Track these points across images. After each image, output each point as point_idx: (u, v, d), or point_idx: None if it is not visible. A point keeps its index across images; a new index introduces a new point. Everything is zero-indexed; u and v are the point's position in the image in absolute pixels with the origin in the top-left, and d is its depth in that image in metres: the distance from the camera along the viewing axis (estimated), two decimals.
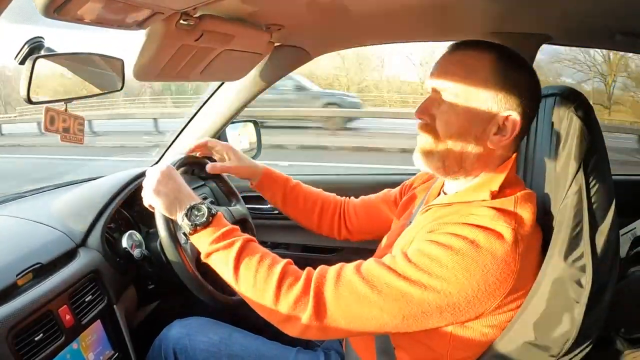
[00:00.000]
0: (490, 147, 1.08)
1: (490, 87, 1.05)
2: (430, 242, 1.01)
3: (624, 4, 1.31)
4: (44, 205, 1.62)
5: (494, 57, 1.07)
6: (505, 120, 1.06)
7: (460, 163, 1.11)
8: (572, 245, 1.03)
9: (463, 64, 1.08)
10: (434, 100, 1.12)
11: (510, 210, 1.03)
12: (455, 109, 1.08)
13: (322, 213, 1.64)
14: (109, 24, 0.98)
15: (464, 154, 1.09)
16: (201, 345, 1.42)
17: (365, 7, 1.43)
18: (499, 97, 1.06)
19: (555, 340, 1.03)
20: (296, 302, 1.03)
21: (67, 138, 1.16)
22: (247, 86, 1.95)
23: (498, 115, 1.06)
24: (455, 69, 1.08)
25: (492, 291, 0.99)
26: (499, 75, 1.05)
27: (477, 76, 1.06)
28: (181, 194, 1.22)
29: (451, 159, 1.11)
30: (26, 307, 1.15)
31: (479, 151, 1.09)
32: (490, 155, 1.10)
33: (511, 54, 1.10)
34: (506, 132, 1.07)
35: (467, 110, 1.07)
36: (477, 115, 1.07)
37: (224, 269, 1.11)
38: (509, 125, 1.06)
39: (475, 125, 1.07)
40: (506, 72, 1.06)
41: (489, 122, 1.07)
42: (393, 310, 0.99)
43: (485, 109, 1.06)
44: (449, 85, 1.08)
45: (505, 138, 1.07)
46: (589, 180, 1.04)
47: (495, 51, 1.08)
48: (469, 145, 1.08)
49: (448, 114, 1.09)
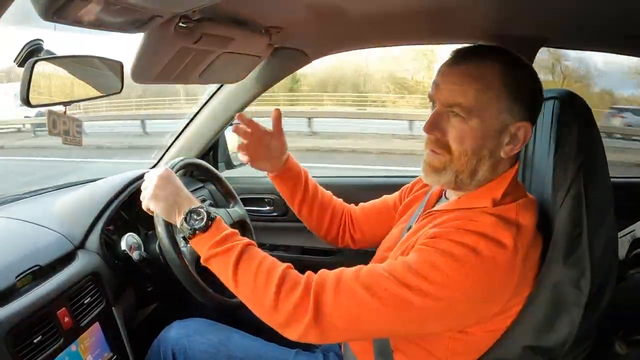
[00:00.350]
0: (503, 157, 1.08)
1: (503, 99, 1.04)
2: (431, 248, 1.01)
3: (622, 7, 1.31)
4: (43, 207, 1.62)
5: (502, 66, 1.05)
6: (517, 129, 1.05)
7: (473, 176, 1.09)
8: (570, 248, 1.03)
9: (471, 77, 1.04)
10: (442, 115, 1.08)
11: (512, 218, 1.03)
12: (469, 123, 1.04)
13: (332, 219, 1.59)
14: (108, 27, 0.98)
15: (478, 168, 1.08)
16: (200, 347, 1.41)
17: (364, 10, 1.43)
18: (514, 108, 1.04)
19: (554, 344, 1.03)
20: (296, 307, 1.02)
21: (67, 140, 1.17)
22: (246, 88, 1.95)
23: (511, 125, 1.05)
24: (464, 82, 1.05)
25: (492, 298, 0.99)
26: (510, 86, 1.04)
27: (489, 89, 1.03)
28: (180, 198, 1.21)
29: (465, 173, 1.09)
30: (25, 309, 1.15)
31: (493, 163, 1.08)
32: (499, 163, 1.10)
33: (516, 59, 1.09)
34: (518, 141, 1.06)
35: (481, 125, 1.04)
36: (491, 129, 1.05)
37: (224, 273, 1.11)
38: (521, 134, 1.06)
39: (490, 139, 1.06)
40: (516, 81, 1.04)
41: (502, 133, 1.06)
42: (392, 316, 0.99)
43: (500, 121, 1.05)
44: (460, 100, 1.04)
45: (517, 147, 1.07)
46: (587, 184, 1.04)
47: (501, 59, 1.06)
48: (483, 159, 1.07)
49: (461, 129, 1.05)
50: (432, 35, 1.83)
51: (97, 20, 0.93)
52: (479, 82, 1.04)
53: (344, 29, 1.62)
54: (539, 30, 1.63)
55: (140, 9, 0.97)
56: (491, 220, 1.02)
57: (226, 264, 1.10)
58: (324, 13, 1.42)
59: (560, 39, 1.72)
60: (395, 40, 1.96)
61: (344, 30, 1.64)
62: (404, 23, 1.59)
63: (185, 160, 1.54)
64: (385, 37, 1.84)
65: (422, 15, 1.50)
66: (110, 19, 0.95)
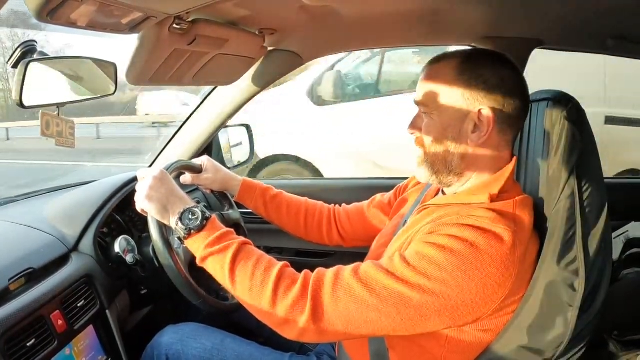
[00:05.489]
0: (473, 146, 1.10)
1: (456, 87, 1.09)
2: (428, 244, 1.01)
3: (616, 9, 1.32)
4: (36, 210, 1.61)
5: (459, 61, 1.11)
6: (479, 116, 1.08)
7: (446, 166, 1.13)
8: (565, 248, 1.03)
9: (431, 77, 1.13)
10: (419, 115, 1.17)
11: (510, 213, 1.04)
12: (431, 117, 1.12)
13: (307, 219, 1.65)
14: (101, 28, 0.98)
15: (448, 157, 1.12)
16: (194, 352, 1.41)
17: (358, 12, 1.44)
18: (466, 95, 1.08)
19: (549, 344, 1.03)
20: (293, 305, 1.02)
21: (61, 142, 1.16)
22: (239, 90, 1.94)
23: (471, 113, 1.08)
24: (427, 83, 1.13)
25: (491, 294, 0.99)
26: (464, 75, 1.09)
27: (442, 82, 1.11)
28: (174, 198, 1.21)
29: (438, 164, 1.13)
30: (18, 312, 1.14)
31: (462, 151, 1.11)
32: (477, 155, 1.11)
33: (479, 53, 1.15)
34: (483, 128, 1.08)
35: (440, 115, 1.11)
36: (450, 118, 1.10)
37: (220, 272, 1.10)
38: (484, 120, 1.08)
39: (450, 128, 1.10)
40: (471, 70, 1.09)
41: (463, 121, 1.09)
42: (391, 314, 0.98)
43: (456, 110, 1.09)
44: (423, 98, 1.13)
45: (483, 134, 1.08)
46: (581, 184, 1.05)
47: (461, 55, 1.12)
48: (449, 148, 1.11)
49: (428, 124, 1.14)
50: (426, 38, 1.84)
51: (91, 21, 0.93)
52: (436, 79, 1.12)
53: (337, 31, 1.63)
54: (532, 33, 1.63)
55: (134, 10, 0.97)
56: (490, 215, 1.02)
57: (222, 262, 1.10)
58: (318, 15, 1.42)
59: (553, 41, 1.73)
60: (388, 43, 1.96)
61: (337, 32, 1.65)
62: (398, 25, 1.59)
63: (179, 162, 1.53)
64: (379, 39, 1.85)
65: (416, 17, 1.51)
66: (104, 20, 0.95)
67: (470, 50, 1.15)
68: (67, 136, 1.18)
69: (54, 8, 0.82)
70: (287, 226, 1.67)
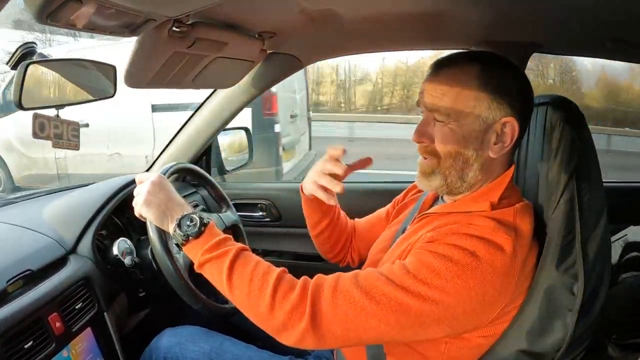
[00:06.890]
0: (492, 157, 1.08)
1: (481, 97, 1.05)
2: (429, 252, 1.00)
3: (615, 13, 1.32)
4: (35, 212, 1.60)
5: (479, 67, 1.06)
6: (502, 127, 1.06)
7: (462, 178, 1.10)
8: (564, 253, 1.03)
9: (449, 82, 1.07)
10: (428, 122, 1.11)
11: (510, 222, 1.03)
12: (449, 126, 1.07)
13: (344, 245, 1.56)
14: (101, 30, 0.98)
15: (466, 169, 1.09)
16: (192, 355, 1.40)
17: (357, 16, 1.44)
18: (492, 105, 1.05)
19: (548, 348, 1.03)
20: (292, 312, 1.00)
21: (59, 144, 1.16)
22: (239, 93, 1.95)
23: (495, 124, 1.06)
24: (443, 88, 1.07)
25: (491, 303, 0.99)
26: (488, 84, 1.05)
27: (466, 91, 1.05)
28: (172, 204, 1.20)
29: (453, 176, 1.10)
30: (16, 314, 1.14)
31: (481, 162, 1.09)
32: (491, 164, 1.10)
33: (496, 59, 1.10)
34: (506, 139, 1.07)
35: (462, 125, 1.06)
36: (473, 128, 1.06)
37: (218, 278, 1.09)
38: (508, 131, 1.06)
39: (472, 139, 1.07)
40: (494, 79, 1.05)
41: (486, 132, 1.07)
42: (391, 321, 0.97)
43: (480, 121, 1.06)
44: (439, 105, 1.07)
45: (506, 145, 1.07)
46: (580, 188, 1.05)
47: (479, 61, 1.08)
48: (469, 160, 1.08)
49: (444, 133, 1.08)
50: (425, 41, 1.84)
51: (91, 24, 0.93)
52: (457, 85, 1.06)
53: (337, 34, 1.63)
54: (531, 37, 1.64)
55: (134, 13, 0.97)
56: (490, 224, 1.02)
57: (220, 269, 1.08)
58: (317, 19, 1.42)
59: (552, 46, 1.73)
60: (388, 46, 1.97)
61: (337, 36, 1.65)
62: (397, 29, 1.59)
63: (177, 165, 1.53)
64: (378, 43, 1.85)
65: (415, 21, 1.51)
66: (104, 22, 0.95)
67: (486, 55, 1.11)
68: (68, 138, 1.17)
69: (53, 10, 0.82)
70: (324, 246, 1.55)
